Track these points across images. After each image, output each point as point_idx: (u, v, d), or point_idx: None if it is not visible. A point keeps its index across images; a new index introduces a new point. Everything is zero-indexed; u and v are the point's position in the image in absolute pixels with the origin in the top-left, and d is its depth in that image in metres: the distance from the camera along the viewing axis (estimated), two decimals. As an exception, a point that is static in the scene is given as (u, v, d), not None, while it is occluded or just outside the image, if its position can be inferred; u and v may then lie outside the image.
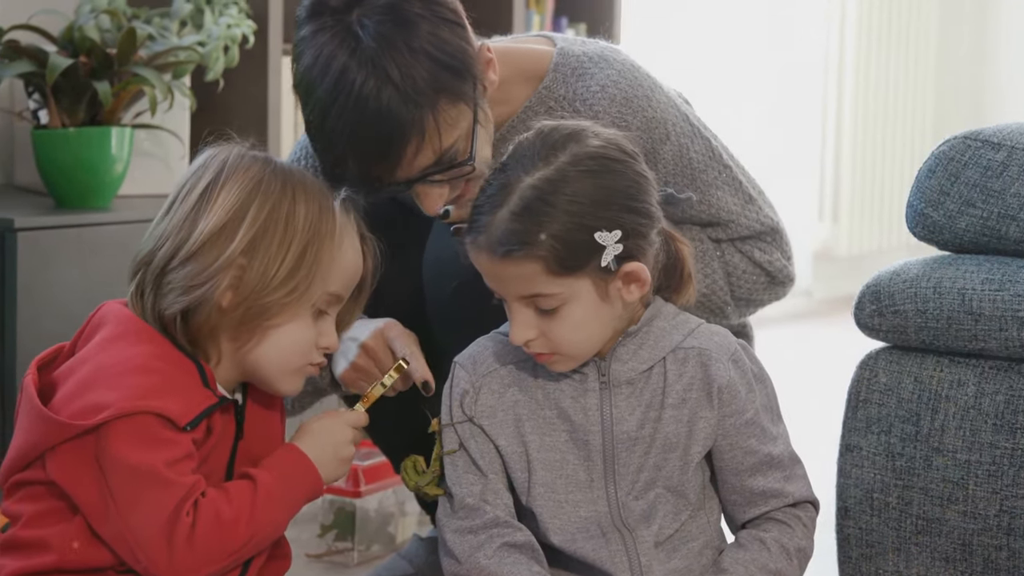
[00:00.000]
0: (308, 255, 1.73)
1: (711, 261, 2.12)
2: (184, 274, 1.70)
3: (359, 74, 1.82)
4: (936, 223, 2.03)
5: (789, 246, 2.21)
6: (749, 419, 1.88)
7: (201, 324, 1.71)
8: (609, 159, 1.81)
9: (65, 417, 1.64)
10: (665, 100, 2.10)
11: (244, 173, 1.74)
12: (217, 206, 1.72)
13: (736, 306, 2.16)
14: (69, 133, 2.75)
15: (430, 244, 2.13)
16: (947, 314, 1.97)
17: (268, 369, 1.76)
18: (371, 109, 1.83)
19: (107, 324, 1.73)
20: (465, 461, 1.89)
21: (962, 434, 1.98)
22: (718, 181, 2.13)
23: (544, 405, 1.88)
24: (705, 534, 1.90)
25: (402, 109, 1.83)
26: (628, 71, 2.08)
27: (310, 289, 1.74)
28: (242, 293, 1.71)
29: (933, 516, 1.99)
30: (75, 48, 2.75)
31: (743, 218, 2.14)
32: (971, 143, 2.01)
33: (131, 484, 1.62)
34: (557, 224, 1.76)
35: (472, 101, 1.91)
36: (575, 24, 4.06)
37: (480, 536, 1.86)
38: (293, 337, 1.76)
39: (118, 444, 1.62)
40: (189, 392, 1.68)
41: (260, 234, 1.71)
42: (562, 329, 1.80)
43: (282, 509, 1.72)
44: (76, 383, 1.67)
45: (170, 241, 1.72)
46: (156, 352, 1.69)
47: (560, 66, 2.09)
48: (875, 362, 2.05)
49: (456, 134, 1.90)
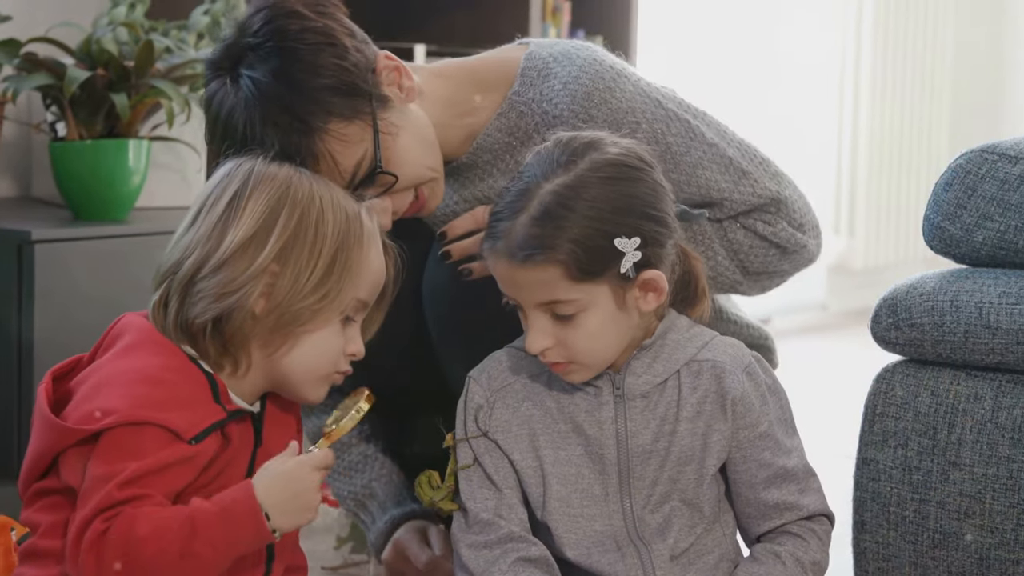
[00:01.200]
0: (339, 261, 1.75)
1: (711, 243, 2.11)
2: (215, 282, 1.70)
3: (243, 116, 1.90)
4: (953, 236, 2.02)
5: (799, 213, 2.16)
6: (763, 432, 1.87)
7: (234, 332, 1.72)
8: (628, 167, 1.82)
9: (72, 422, 1.65)
10: (631, 89, 2.08)
11: (271, 182, 1.75)
12: (246, 215, 1.73)
13: (754, 280, 2.14)
14: (86, 145, 2.75)
15: (428, 267, 2.13)
16: (964, 327, 1.97)
17: (297, 376, 1.76)
18: (257, 137, 1.89)
19: (125, 335, 1.73)
20: (479, 476, 1.89)
21: (979, 448, 1.97)
22: (703, 161, 2.11)
23: (558, 419, 1.88)
24: (721, 547, 1.90)
25: (285, 134, 1.89)
26: (589, 65, 2.08)
27: (341, 295, 1.75)
28: (275, 300, 1.72)
29: (950, 530, 1.99)
30: (93, 61, 2.76)
31: (737, 194, 2.12)
32: (988, 156, 2.01)
33: (87, 485, 1.63)
34: (577, 229, 1.77)
35: (369, 115, 1.94)
36: (592, 36, 4.06)
37: (495, 551, 1.86)
38: (324, 344, 1.76)
39: (105, 449, 1.63)
40: (197, 406, 1.68)
41: (291, 241, 1.72)
42: (579, 337, 1.80)
43: (213, 546, 1.63)
44: (88, 390, 1.68)
45: (198, 251, 1.72)
46: (169, 364, 1.70)
47: (527, 70, 2.10)
48: (892, 376, 2.05)
49: (360, 150, 1.94)
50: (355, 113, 1.93)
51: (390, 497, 2.24)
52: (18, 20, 2.91)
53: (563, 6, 4.06)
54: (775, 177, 2.15)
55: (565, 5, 4.07)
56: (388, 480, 2.26)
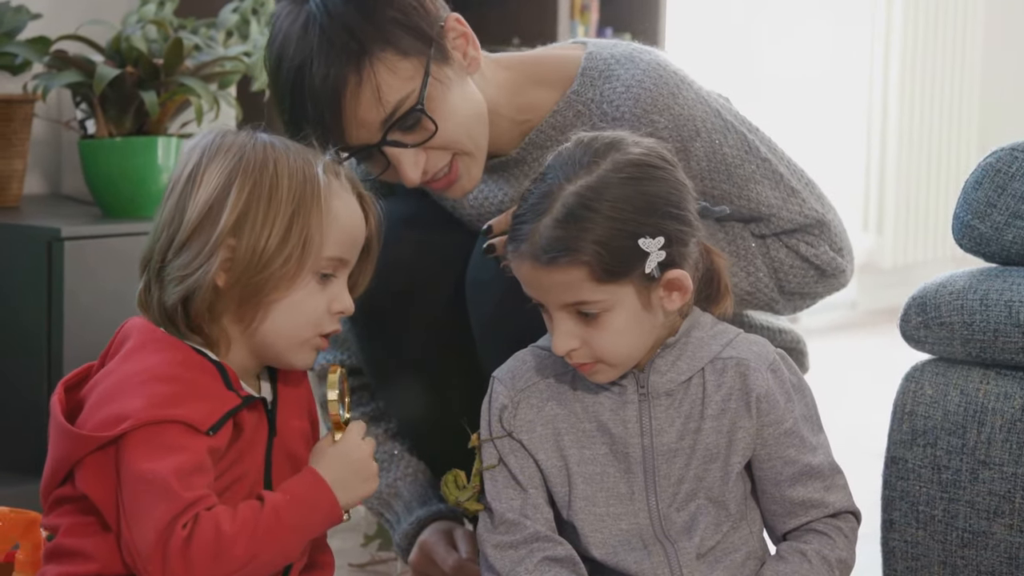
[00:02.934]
0: (296, 224, 1.71)
1: (754, 259, 2.11)
2: (179, 264, 1.69)
3: (301, 24, 1.93)
4: (983, 235, 2.02)
5: (840, 237, 2.17)
6: (788, 429, 1.87)
7: (200, 309, 1.70)
8: (651, 166, 1.81)
9: (88, 430, 1.64)
10: (693, 96, 2.08)
11: (224, 153, 1.73)
12: (201, 191, 1.71)
13: (788, 300, 2.14)
14: (116, 143, 2.77)
15: (472, 260, 2.13)
16: (994, 326, 1.96)
17: (279, 344, 1.75)
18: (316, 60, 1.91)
19: (129, 338, 1.73)
20: (505, 476, 1.89)
21: (1008, 447, 1.96)
22: (756, 175, 2.11)
23: (583, 418, 1.88)
24: (747, 545, 1.90)
25: (338, 55, 1.91)
26: (653, 69, 2.07)
27: (304, 258, 1.72)
28: (235, 272, 1.70)
29: (979, 529, 1.98)
30: (122, 58, 2.77)
31: (784, 211, 2.12)
32: (1018, 154, 2.00)
33: (138, 493, 1.61)
34: (601, 230, 1.76)
35: (424, 57, 1.95)
36: (620, 34, 4.06)
37: (521, 551, 1.86)
38: (299, 308, 1.74)
39: (135, 453, 1.62)
40: (211, 395, 1.68)
41: (244, 211, 1.70)
42: (605, 337, 1.80)
43: (291, 533, 1.67)
44: (98, 396, 1.67)
45: (164, 233, 1.71)
46: (176, 359, 1.69)
47: (588, 70, 2.09)
48: (921, 374, 2.04)
49: (406, 89, 1.95)
50: (412, 51, 1.95)
51: (415, 497, 2.24)
52: (48, 18, 2.92)
53: (591, 4, 4.06)
54: (820, 199, 2.17)
55: (594, 3, 4.07)
56: (414, 479, 2.26)
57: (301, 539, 1.69)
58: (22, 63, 2.78)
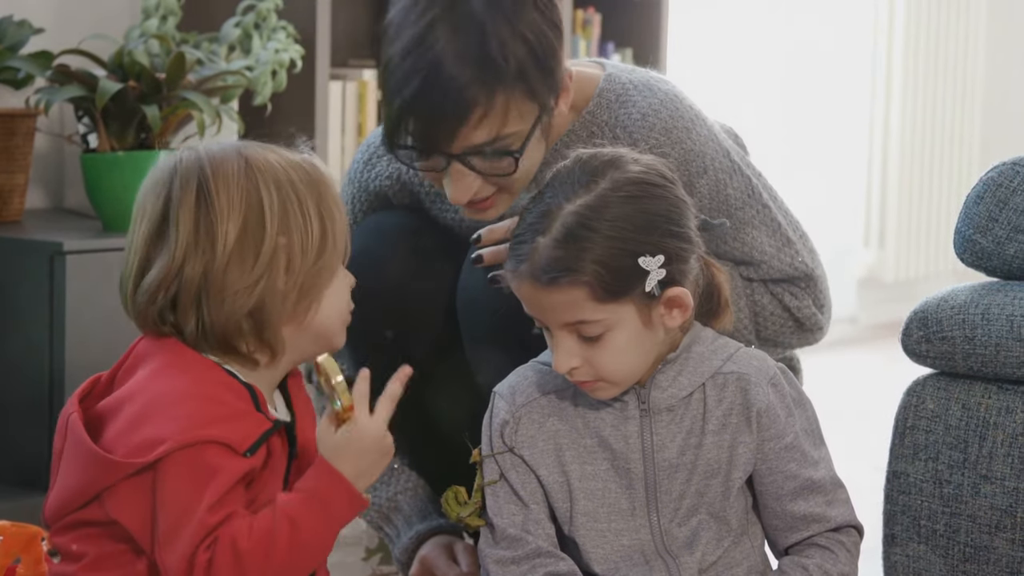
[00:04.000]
0: (323, 207, 1.70)
1: (738, 299, 2.11)
2: (232, 279, 1.64)
3: (450, 26, 1.89)
4: (984, 249, 2.02)
5: (823, 295, 2.17)
6: (789, 443, 1.87)
7: (269, 317, 1.67)
8: (650, 184, 1.81)
9: (121, 455, 1.60)
10: (706, 134, 2.09)
11: (225, 161, 1.68)
12: (225, 204, 1.66)
13: (760, 346, 2.14)
14: (118, 157, 2.77)
15: (463, 273, 2.13)
16: (995, 341, 1.96)
17: (333, 327, 1.73)
18: (455, 60, 1.88)
19: (153, 355, 1.68)
20: (506, 491, 1.89)
21: (1010, 461, 1.96)
22: (755, 220, 2.11)
23: (584, 434, 1.88)
24: (749, 559, 1.90)
25: (483, 74, 1.88)
26: (671, 101, 2.07)
27: (337, 238, 1.71)
28: (294, 270, 1.67)
29: (981, 544, 1.98)
30: (124, 73, 2.77)
31: (776, 260, 2.12)
32: (1020, 169, 2.00)
33: (171, 519, 1.59)
34: (600, 250, 1.76)
35: (543, 106, 1.95)
36: (621, 49, 4.06)
37: (523, 566, 1.86)
38: (341, 287, 1.74)
39: (173, 478, 1.58)
40: (245, 418, 1.65)
41: (283, 210, 1.67)
42: (606, 356, 1.80)
43: (315, 532, 1.64)
44: (129, 418, 1.62)
45: (193, 258, 1.65)
46: (208, 378, 1.65)
47: (605, 92, 2.09)
48: (923, 389, 2.04)
49: (516, 128, 1.93)
50: (535, 94, 1.94)
51: (416, 511, 2.24)
52: (51, 32, 2.93)
53: (593, 19, 4.07)
54: (812, 253, 2.17)
55: (595, 18, 4.08)
56: (414, 493, 2.26)
57: (324, 535, 1.65)
58: (24, 77, 2.78)
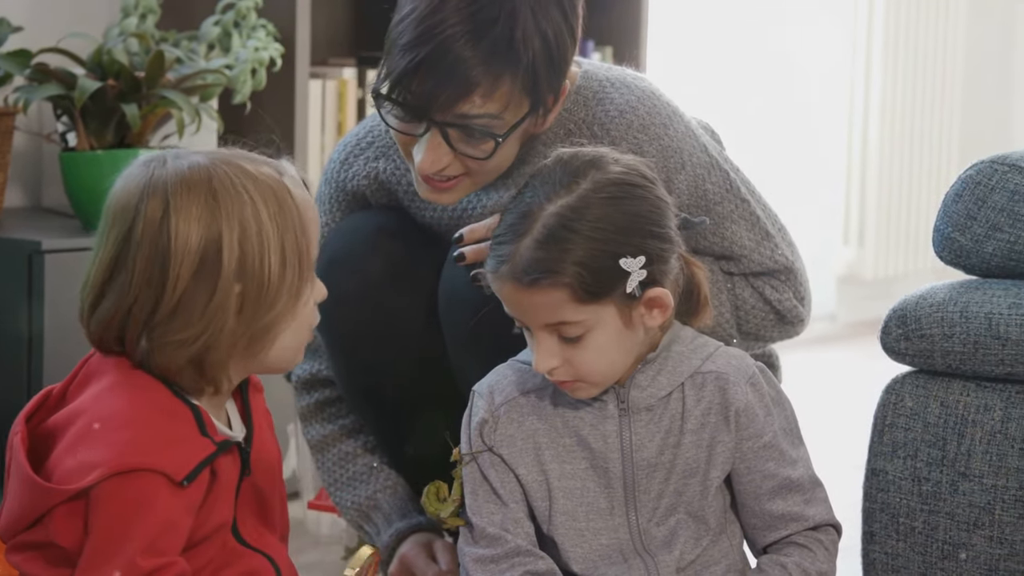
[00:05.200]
0: (287, 245, 1.62)
1: (719, 293, 2.11)
2: (177, 325, 1.59)
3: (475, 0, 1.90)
4: (963, 247, 2.02)
5: (804, 287, 2.17)
6: (767, 442, 1.87)
7: (213, 364, 1.61)
8: (631, 185, 1.81)
9: (56, 480, 1.55)
10: (684, 130, 2.09)
11: (191, 193, 1.60)
12: (181, 240, 1.58)
13: (742, 340, 2.14)
14: (97, 156, 2.76)
15: (445, 272, 2.13)
16: (974, 338, 1.97)
17: (286, 361, 1.68)
18: (473, 35, 1.88)
19: (102, 373, 1.63)
20: (486, 490, 1.89)
21: (988, 459, 1.97)
22: (734, 215, 2.11)
23: (563, 433, 1.88)
24: (728, 558, 1.90)
25: (497, 57, 1.89)
26: (648, 98, 2.08)
27: (303, 274, 1.64)
28: (246, 316, 1.60)
29: (959, 541, 1.99)
30: (103, 71, 2.77)
31: (756, 254, 2.12)
32: (998, 167, 2.01)
33: (98, 549, 1.53)
34: (582, 251, 1.76)
35: (539, 104, 1.96)
36: (601, 47, 4.06)
37: (502, 565, 1.86)
38: (302, 325, 1.67)
39: (104, 505, 1.53)
40: (185, 443, 1.59)
41: (242, 253, 1.59)
42: (586, 356, 1.80)
43: None
44: (70, 440, 1.58)
45: (144, 293, 1.59)
46: (149, 401, 1.60)
47: (582, 89, 2.09)
48: (901, 386, 2.05)
49: (507, 114, 1.94)
50: (537, 92, 1.95)
51: (395, 510, 2.24)
52: (29, 31, 2.92)
53: (573, 17, 4.06)
54: (791, 246, 2.17)
55: (575, 16, 4.07)
56: (393, 492, 2.26)
57: None
58: (3, 76, 2.77)
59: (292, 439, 2.92)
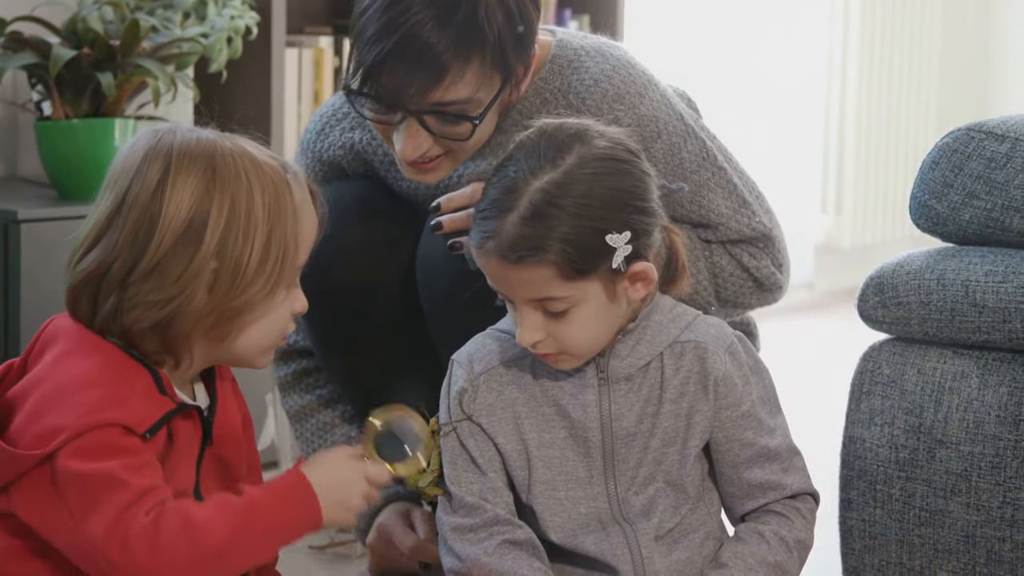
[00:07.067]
0: (273, 240, 1.63)
1: (697, 261, 2.11)
2: (149, 288, 1.60)
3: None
4: (940, 215, 2.02)
5: (782, 254, 2.18)
6: (745, 411, 1.87)
7: (178, 336, 1.62)
8: (616, 160, 1.80)
9: (23, 447, 1.55)
10: (659, 98, 2.09)
11: (193, 162, 1.62)
12: (173, 206, 1.60)
13: (721, 307, 2.15)
14: (72, 125, 2.75)
15: (423, 241, 2.13)
16: (951, 306, 1.97)
17: (249, 355, 1.69)
18: (437, 21, 1.89)
19: (57, 340, 1.64)
20: (464, 460, 1.89)
21: (965, 426, 1.97)
22: (711, 183, 2.11)
23: (543, 402, 1.88)
24: (706, 525, 1.90)
25: (464, 39, 1.90)
26: (623, 67, 2.07)
27: (282, 273, 1.65)
28: (216, 295, 1.61)
29: (936, 508, 1.99)
30: (78, 40, 2.75)
31: (733, 222, 2.12)
32: (975, 135, 2.01)
33: (85, 491, 1.53)
34: (568, 228, 1.76)
35: (510, 78, 1.97)
36: (578, 16, 4.05)
37: (480, 534, 1.86)
38: (273, 322, 1.68)
39: (72, 460, 1.53)
40: (145, 400, 1.59)
41: (226, 231, 1.60)
42: (570, 330, 1.80)
43: (270, 531, 1.59)
44: (30, 408, 1.58)
45: (128, 251, 1.60)
46: (107, 362, 1.60)
47: (557, 58, 2.09)
48: (878, 354, 2.05)
49: (480, 94, 1.94)
50: (508, 69, 1.96)
51: None
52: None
53: (550, -15, 4.05)
54: (768, 213, 2.18)
55: (552, -16, 4.06)
56: None
57: (279, 540, 1.62)
58: (-24, 45, 2.75)
59: (270, 409, 2.92)
